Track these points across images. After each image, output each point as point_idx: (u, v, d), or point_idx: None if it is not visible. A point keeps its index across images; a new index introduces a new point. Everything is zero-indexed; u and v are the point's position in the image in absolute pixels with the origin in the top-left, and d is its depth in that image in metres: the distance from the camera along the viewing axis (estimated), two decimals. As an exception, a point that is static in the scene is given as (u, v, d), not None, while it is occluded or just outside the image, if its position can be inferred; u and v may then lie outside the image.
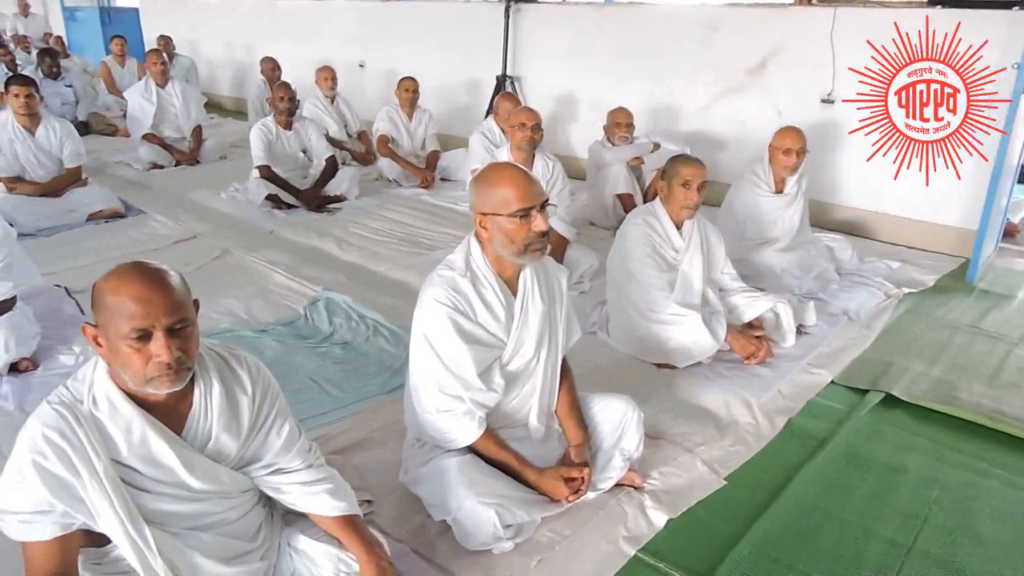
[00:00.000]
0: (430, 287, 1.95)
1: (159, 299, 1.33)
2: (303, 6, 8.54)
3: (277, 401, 1.63)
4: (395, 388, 2.72)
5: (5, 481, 1.38)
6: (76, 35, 11.08)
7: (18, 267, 2.86)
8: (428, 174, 5.63)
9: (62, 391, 1.43)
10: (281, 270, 3.89)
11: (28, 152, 4.53)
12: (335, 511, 1.63)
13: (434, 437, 2.00)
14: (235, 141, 7.02)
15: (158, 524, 1.45)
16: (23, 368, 2.75)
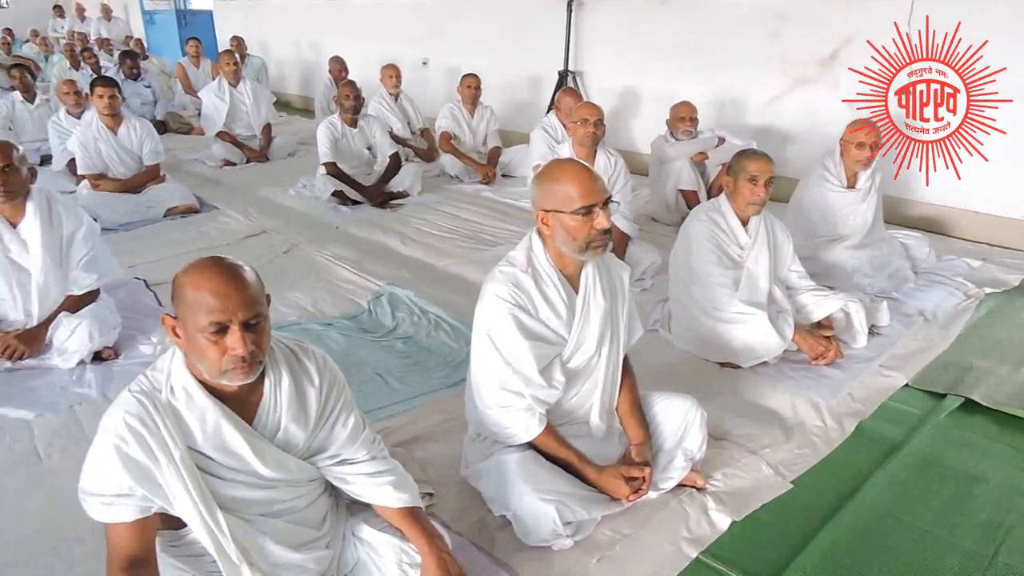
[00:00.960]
0: (492, 283, 1.95)
1: (236, 294, 1.38)
2: (368, 5, 8.69)
3: (343, 393, 1.67)
4: (456, 383, 2.74)
5: (89, 464, 1.45)
6: (154, 37, 11.55)
7: (102, 260, 3.01)
8: (489, 170, 5.66)
9: (142, 380, 1.49)
10: (346, 265, 3.97)
11: (111, 150, 4.75)
12: (398, 502, 1.65)
13: (494, 432, 2.01)
14: (302, 139, 7.20)
15: (231, 510, 1.50)
16: (105, 357, 2.89)
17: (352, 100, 5.06)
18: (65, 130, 5.44)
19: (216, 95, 6.36)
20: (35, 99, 6.43)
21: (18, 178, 2.73)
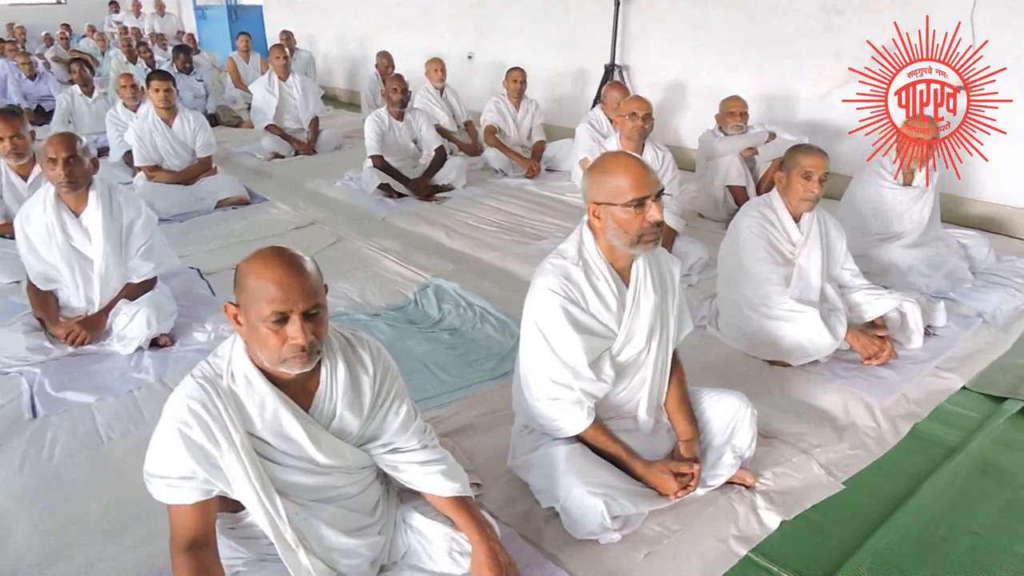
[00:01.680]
0: (542, 275, 1.96)
1: (298, 285, 1.40)
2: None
3: (396, 383, 1.70)
4: (502, 375, 2.76)
5: (154, 447, 1.50)
6: (206, 32, 11.80)
7: (159, 250, 3.09)
8: (534, 164, 5.66)
9: (204, 366, 1.53)
10: (392, 256, 4.01)
11: (166, 142, 4.87)
12: (449, 491, 1.68)
13: (542, 425, 2.02)
14: (349, 132, 7.28)
15: (287, 495, 1.54)
16: (162, 344, 2.97)
17: (400, 94, 5.10)
18: (122, 123, 5.60)
19: (266, 89, 6.47)
20: (93, 93, 6.63)
21: (81, 168, 2.82)
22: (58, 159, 2.75)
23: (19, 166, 3.66)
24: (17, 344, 2.81)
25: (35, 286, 2.94)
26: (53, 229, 2.86)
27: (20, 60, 8.16)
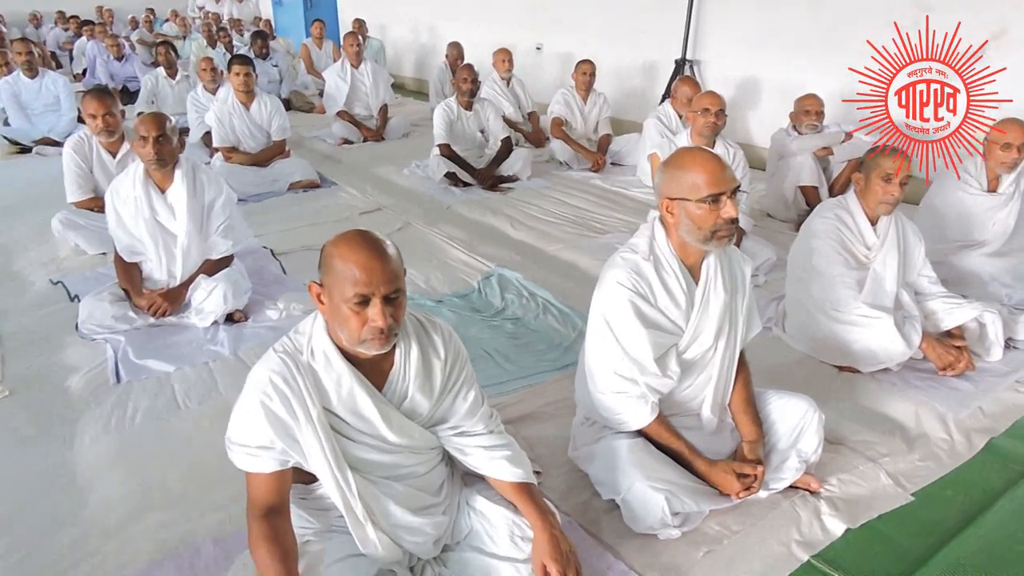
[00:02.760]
0: (612, 269, 1.96)
1: (381, 269, 1.44)
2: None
3: (465, 368, 1.73)
4: (564, 366, 2.78)
5: (236, 416, 1.56)
6: (281, 18, 12.10)
7: (237, 228, 3.21)
8: (599, 157, 5.63)
9: (286, 341, 1.59)
10: (457, 245, 4.06)
11: (243, 125, 5.03)
12: (513, 477, 1.70)
13: (605, 417, 2.03)
14: (416, 120, 7.38)
15: (358, 470, 1.59)
16: (236, 319, 3.09)
17: (470, 83, 5.15)
18: (202, 105, 5.80)
19: (339, 76, 6.61)
20: (176, 75, 6.88)
21: (169, 147, 2.95)
22: (149, 137, 2.88)
23: (109, 143, 3.84)
24: (103, 313, 2.96)
25: (121, 258, 3.09)
26: (140, 204, 3.00)
27: (109, 42, 8.53)
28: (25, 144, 6.04)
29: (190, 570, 1.85)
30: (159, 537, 1.94)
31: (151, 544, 1.92)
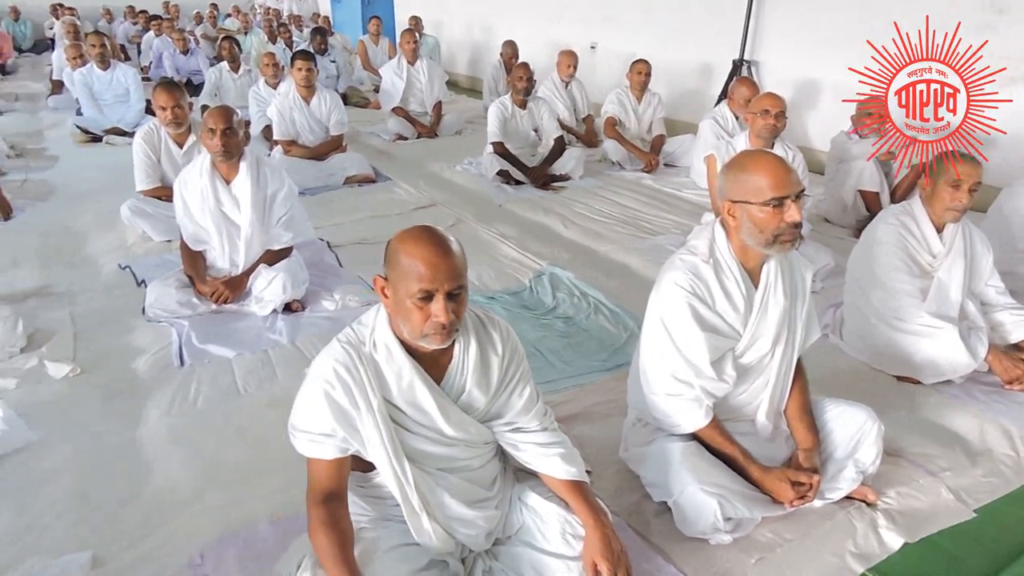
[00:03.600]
0: (671, 270, 1.95)
1: (445, 265, 1.47)
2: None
3: (522, 364, 1.74)
4: (615, 367, 2.77)
5: (300, 403, 1.60)
6: (339, 15, 12.31)
7: (298, 220, 3.29)
8: (652, 158, 5.59)
9: (349, 332, 1.63)
10: (509, 242, 4.09)
11: (303, 119, 5.15)
12: (566, 475, 1.71)
13: (658, 419, 2.02)
14: (469, 117, 7.44)
15: (415, 461, 1.61)
16: (294, 308, 3.17)
17: (525, 82, 5.16)
18: (263, 99, 5.95)
19: (395, 72, 6.70)
20: (239, 69, 7.06)
21: (236, 140, 3.04)
22: (216, 130, 2.97)
23: (177, 134, 3.97)
24: (169, 298, 3.07)
25: (187, 246, 3.19)
26: (207, 195, 3.10)
27: (175, 36, 8.80)
28: (96, 133, 6.29)
29: (248, 549, 1.90)
30: (219, 516, 2.01)
31: (212, 522, 1.99)
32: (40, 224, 4.30)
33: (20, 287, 3.39)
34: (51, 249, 3.91)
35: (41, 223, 4.32)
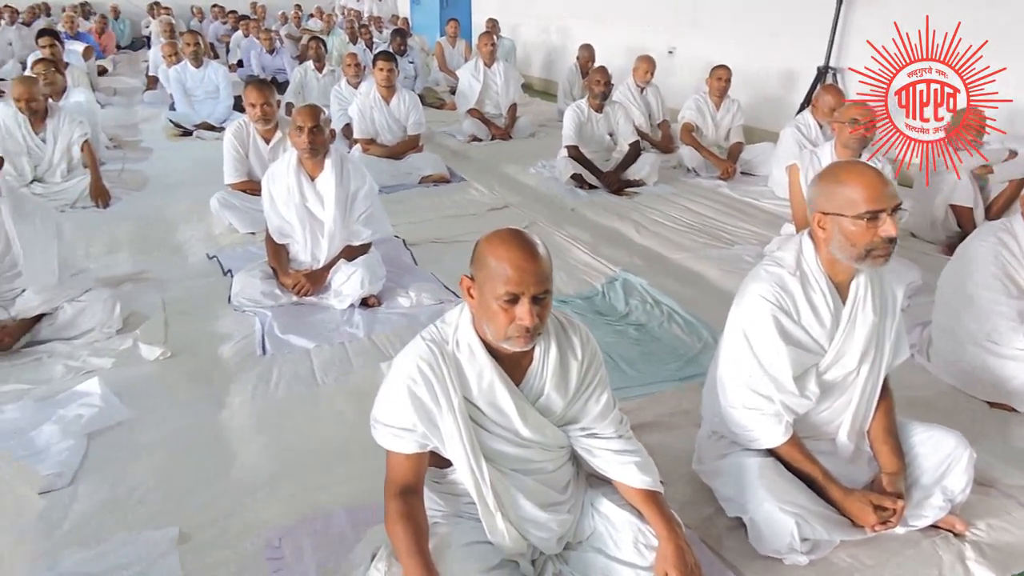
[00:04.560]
0: (756, 282, 1.92)
1: (533, 269, 1.48)
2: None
3: (600, 371, 1.74)
4: (688, 377, 2.74)
5: (383, 397, 1.64)
6: (418, 17, 12.53)
7: (377, 218, 3.36)
8: (729, 166, 5.48)
9: (432, 330, 1.66)
10: (581, 246, 4.08)
11: (383, 118, 5.27)
12: (641, 484, 1.70)
13: (734, 433, 1.99)
14: (543, 120, 7.45)
15: (492, 461, 1.63)
16: (371, 304, 3.24)
17: (602, 86, 5.14)
18: (344, 98, 6.10)
19: (472, 74, 6.77)
20: (323, 69, 7.26)
21: (322, 138, 3.13)
22: (304, 128, 3.07)
23: (264, 131, 4.11)
24: (254, 288, 3.19)
25: (272, 239, 3.30)
26: (292, 190, 3.20)
27: (263, 36, 9.12)
28: (187, 128, 6.58)
29: (323, 536, 1.96)
30: (295, 502, 2.08)
31: (288, 507, 2.05)
32: (135, 213, 4.53)
33: (117, 272, 3.58)
34: (145, 237, 4.12)
35: (136, 212, 4.56)
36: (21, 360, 2.71)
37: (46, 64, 5.32)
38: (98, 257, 3.77)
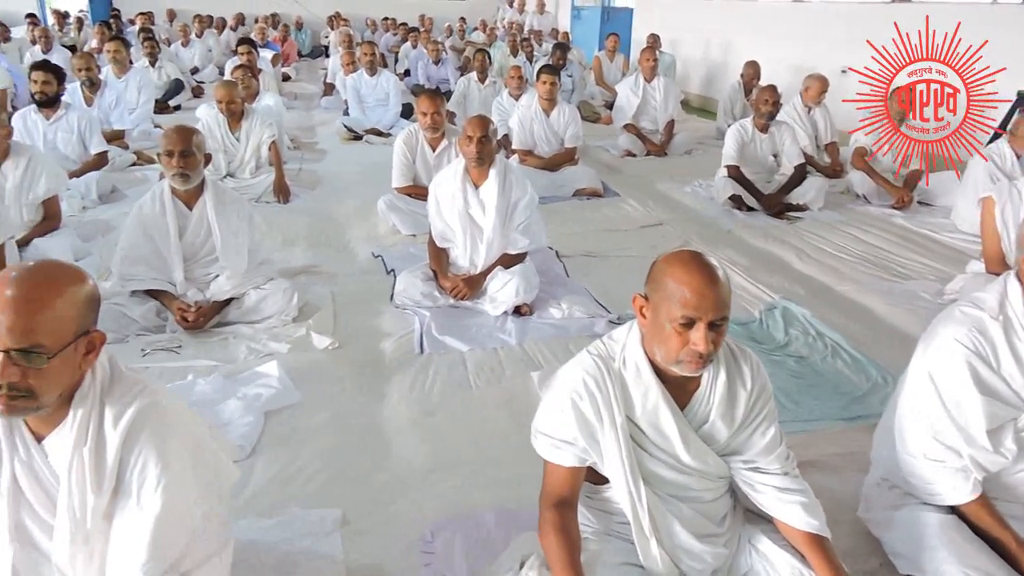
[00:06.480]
0: (950, 324, 1.77)
1: (712, 294, 1.45)
2: (784, 7, 8.40)
3: (769, 403, 1.67)
4: (854, 417, 2.58)
5: (546, 408, 1.66)
6: (578, 31, 12.64)
7: (534, 227, 3.43)
8: (906, 194, 5.10)
9: (599, 345, 1.66)
10: (738, 270, 3.94)
11: (542, 130, 5.37)
12: (807, 527, 1.61)
13: (911, 483, 1.84)
14: (700, 138, 7.29)
15: (649, 484, 1.60)
16: (523, 312, 3.30)
17: (771, 105, 4.96)
18: (505, 109, 6.26)
19: (631, 89, 6.74)
20: (486, 80, 7.50)
21: (489, 148, 3.24)
22: (474, 137, 3.18)
23: (432, 138, 4.31)
24: (415, 288, 3.34)
25: (434, 242, 3.45)
26: (456, 197, 3.33)
27: (430, 47, 9.55)
28: (357, 132, 7.00)
29: (472, 536, 2.01)
30: (446, 499, 2.15)
31: (440, 503, 2.13)
32: (310, 209, 4.88)
33: (294, 264, 3.87)
34: (318, 232, 4.42)
35: (311, 209, 4.91)
36: (211, 339, 3.00)
37: (244, 70, 5.86)
38: (277, 249, 4.09)
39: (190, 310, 2.98)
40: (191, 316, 2.97)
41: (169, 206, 2.99)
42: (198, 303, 3.03)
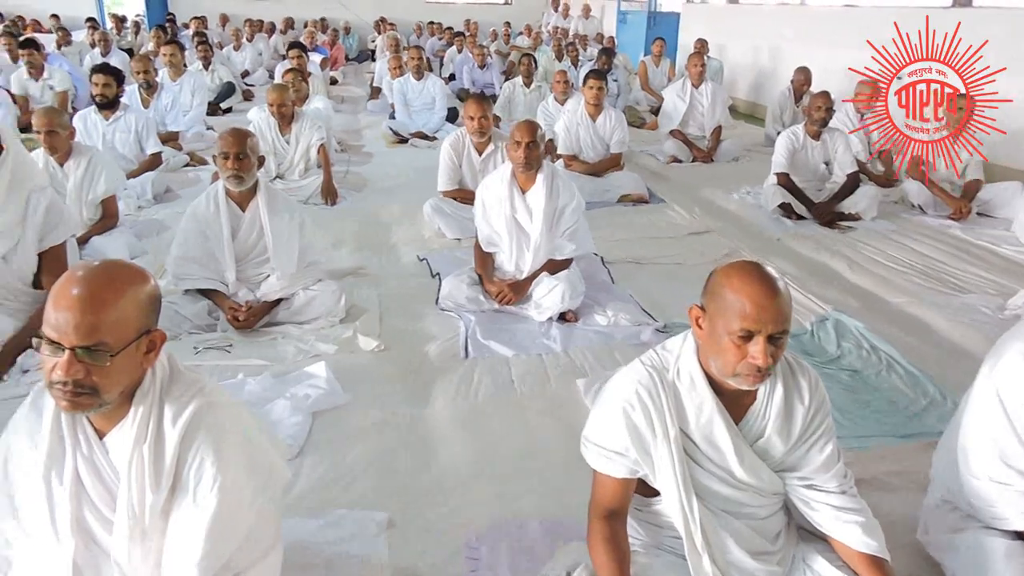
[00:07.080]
0: (1019, 340, 1.70)
1: (772, 308, 1.42)
2: (834, 12, 8.23)
3: (827, 419, 1.63)
4: (910, 435, 2.49)
5: (597, 418, 1.64)
6: (624, 35, 12.57)
7: (581, 234, 3.41)
8: (964, 205, 4.94)
9: (653, 356, 1.63)
10: (788, 280, 3.84)
11: (587, 135, 5.34)
12: (865, 548, 1.56)
13: (973, 506, 1.78)
14: (748, 144, 7.18)
15: (701, 498, 1.57)
16: (568, 319, 3.28)
17: (824, 112, 4.86)
18: (550, 114, 6.24)
19: (678, 95, 6.67)
20: (531, 84, 7.51)
21: (536, 153, 3.23)
22: (522, 142, 3.18)
23: (479, 143, 4.32)
24: (460, 292, 3.34)
25: (480, 247, 3.45)
26: (503, 202, 3.32)
27: (476, 51, 9.59)
28: (403, 135, 7.07)
29: (516, 543, 1.99)
30: (492, 505, 2.13)
31: (485, 509, 2.12)
32: (357, 212, 4.94)
33: (341, 266, 3.91)
34: (364, 235, 4.47)
35: (358, 211, 4.96)
36: (261, 339, 3.04)
37: (294, 73, 5.96)
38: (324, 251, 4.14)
39: (241, 309, 3.03)
40: (242, 315, 3.02)
41: (223, 207, 3.05)
42: (249, 303, 3.08)
